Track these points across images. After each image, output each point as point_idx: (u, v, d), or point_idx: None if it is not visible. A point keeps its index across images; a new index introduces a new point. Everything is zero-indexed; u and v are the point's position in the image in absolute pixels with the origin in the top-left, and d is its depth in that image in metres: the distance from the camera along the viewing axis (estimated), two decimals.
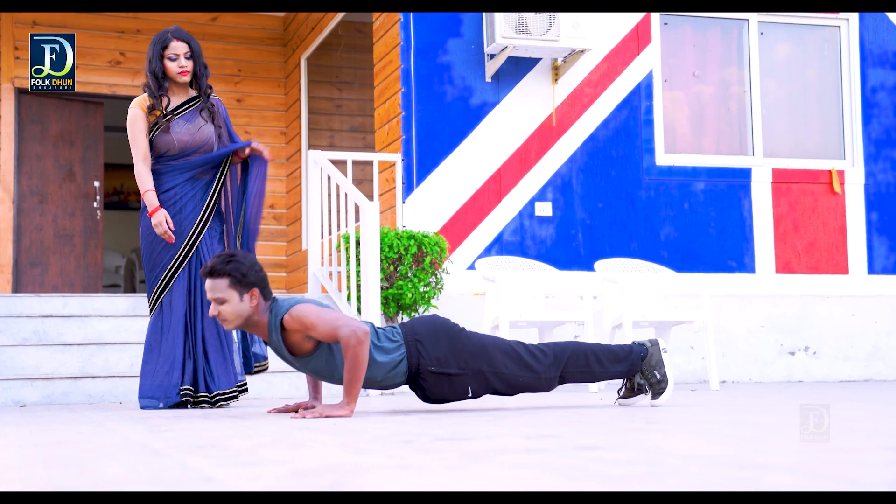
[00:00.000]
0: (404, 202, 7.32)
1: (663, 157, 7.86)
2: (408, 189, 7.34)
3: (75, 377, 5.72)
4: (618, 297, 6.36)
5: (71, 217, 9.47)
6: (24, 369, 5.85)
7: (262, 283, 3.97)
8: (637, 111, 7.81)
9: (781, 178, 8.08)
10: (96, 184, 9.58)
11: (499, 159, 7.50)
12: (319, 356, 3.97)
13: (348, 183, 6.81)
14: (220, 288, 3.93)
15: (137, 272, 13.40)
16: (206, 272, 3.96)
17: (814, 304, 8.00)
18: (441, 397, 4.10)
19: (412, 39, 7.42)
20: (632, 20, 7.87)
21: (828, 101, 8.40)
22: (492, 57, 7.46)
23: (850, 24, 8.37)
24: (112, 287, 13.19)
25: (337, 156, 7.52)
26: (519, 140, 7.55)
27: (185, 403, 4.81)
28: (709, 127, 8.16)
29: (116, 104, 10.26)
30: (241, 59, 10.17)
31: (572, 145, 7.66)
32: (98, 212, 9.55)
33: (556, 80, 7.62)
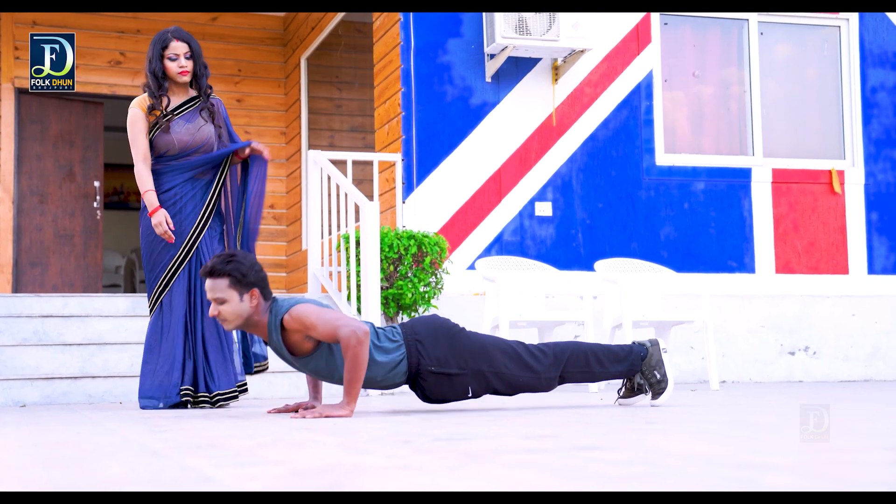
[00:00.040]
0: (404, 202, 7.32)
1: (663, 157, 7.86)
2: (408, 189, 7.34)
3: (75, 377, 5.72)
4: (618, 297, 6.36)
5: (71, 217, 9.47)
6: (24, 369, 5.85)
7: (262, 284, 3.97)
8: (637, 111, 7.81)
9: (781, 178, 8.08)
10: (96, 184, 9.58)
11: (499, 159, 7.50)
12: (319, 356, 3.97)
13: (348, 183, 6.81)
14: (220, 288, 3.93)
15: (137, 272, 13.40)
16: (206, 272, 3.97)
17: (814, 304, 8.00)
18: (441, 397, 4.09)
19: (412, 39, 7.42)
20: (632, 20, 7.87)
21: (828, 101, 8.40)
22: (492, 57, 7.46)
23: (849, 24, 8.37)
24: (112, 287, 13.19)
25: (337, 156, 7.52)
26: (519, 140, 7.55)
27: (185, 403, 4.81)
28: (709, 127, 8.16)
29: (116, 104, 10.26)
30: (241, 59, 10.17)
31: (572, 145, 7.66)
32: (98, 212, 9.55)
33: (556, 80, 7.62)
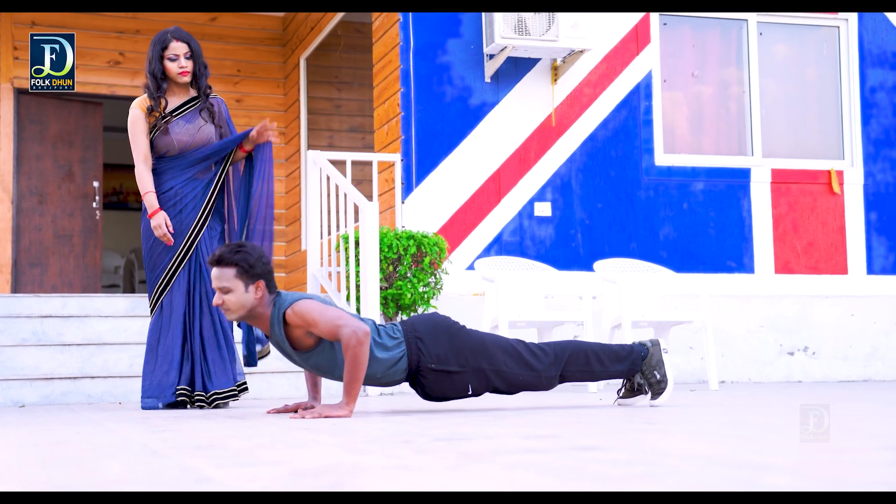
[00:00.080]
0: (403, 202, 7.32)
1: (662, 158, 7.86)
2: (407, 189, 7.34)
3: (74, 377, 5.72)
4: (617, 297, 6.36)
5: (70, 217, 9.47)
6: (24, 369, 5.85)
7: (268, 276, 3.98)
8: (636, 111, 7.81)
9: (780, 179, 8.08)
10: (95, 184, 9.57)
11: (498, 159, 7.50)
12: (321, 352, 3.96)
13: (347, 183, 6.81)
14: (226, 277, 3.93)
15: (137, 272, 13.40)
16: (213, 260, 3.97)
17: (813, 304, 8.00)
18: (441, 395, 4.09)
19: (411, 40, 7.42)
20: (631, 20, 7.87)
21: (827, 101, 8.40)
22: (491, 57, 7.45)
23: (849, 25, 8.37)
24: (111, 287, 13.18)
25: (336, 156, 7.52)
26: (518, 140, 7.55)
27: (183, 403, 4.82)
28: (708, 127, 8.16)
29: (116, 104, 10.26)
30: (241, 60, 10.17)
31: (571, 145, 7.66)
32: (97, 212, 9.55)
33: (555, 81, 7.62)
